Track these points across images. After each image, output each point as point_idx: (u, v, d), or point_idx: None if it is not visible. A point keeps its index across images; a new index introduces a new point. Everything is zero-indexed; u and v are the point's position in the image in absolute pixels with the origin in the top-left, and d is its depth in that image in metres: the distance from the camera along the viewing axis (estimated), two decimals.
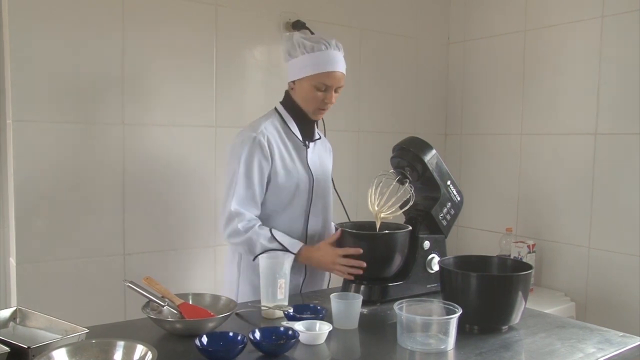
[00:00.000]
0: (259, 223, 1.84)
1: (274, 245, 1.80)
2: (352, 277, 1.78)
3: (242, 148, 1.84)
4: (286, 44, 1.90)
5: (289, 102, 1.95)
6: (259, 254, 1.76)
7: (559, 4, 2.73)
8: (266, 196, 1.88)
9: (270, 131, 1.88)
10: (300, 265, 1.88)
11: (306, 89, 1.87)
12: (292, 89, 1.93)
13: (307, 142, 1.95)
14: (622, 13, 2.49)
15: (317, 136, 2.02)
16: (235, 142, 1.89)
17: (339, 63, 1.88)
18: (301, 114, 1.93)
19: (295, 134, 1.93)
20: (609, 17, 2.54)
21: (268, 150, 1.84)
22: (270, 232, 1.82)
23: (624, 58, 2.50)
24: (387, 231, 1.81)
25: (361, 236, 1.80)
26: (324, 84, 1.85)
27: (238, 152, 1.85)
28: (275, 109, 1.97)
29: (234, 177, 1.83)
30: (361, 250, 1.74)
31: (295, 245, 1.83)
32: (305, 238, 1.92)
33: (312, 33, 2.62)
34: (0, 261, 2.19)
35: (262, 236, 1.80)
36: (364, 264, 1.74)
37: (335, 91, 1.89)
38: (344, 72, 1.90)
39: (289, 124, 1.93)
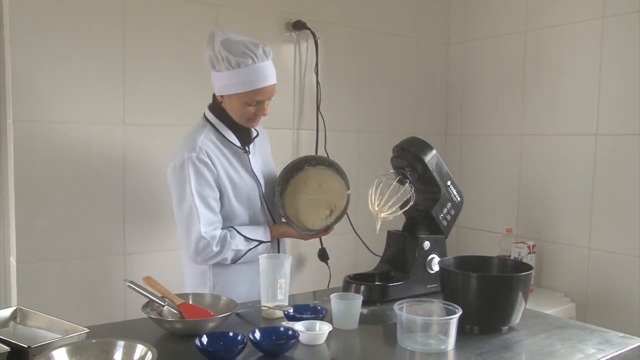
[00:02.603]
0: (224, 232, 1.79)
1: (252, 244, 1.82)
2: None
3: (186, 171, 1.74)
4: (207, 52, 1.76)
5: (220, 111, 1.84)
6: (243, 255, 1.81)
7: (560, 5, 2.73)
8: (221, 212, 1.82)
9: (208, 145, 1.79)
10: None
11: (236, 105, 1.78)
12: (221, 102, 1.83)
13: (247, 148, 1.88)
14: (623, 14, 2.49)
15: (254, 134, 1.94)
16: (175, 166, 1.78)
17: (268, 76, 1.76)
18: (234, 122, 1.84)
19: (233, 142, 1.85)
20: (610, 18, 2.54)
21: (212, 166, 1.77)
22: (240, 233, 1.81)
23: (624, 59, 2.49)
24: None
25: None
26: (255, 100, 1.76)
27: (183, 177, 1.75)
28: (206, 118, 1.86)
29: (192, 204, 1.74)
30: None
31: (265, 233, 1.85)
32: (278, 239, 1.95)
33: (312, 33, 2.63)
34: (1, 261, 2.20)
35: (239, 244, 1.80)
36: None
37: (268, 100, 1.81)
38: (275, 81, 1.79)
39: (224, 133, 1.84)
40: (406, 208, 1.85)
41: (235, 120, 1.84)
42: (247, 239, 1.81)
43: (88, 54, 2.14)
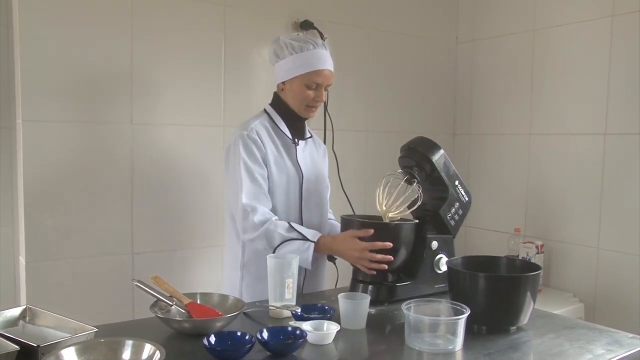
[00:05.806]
0: (275, 217, 1.83)
1: (293, 234, 1.79)
2: (374, 272, 1.74)
3: (237, 147, 1.86)
4: (272, 47, 1.92)
5: (278, 103, 1.97)
6: (279, 245, 1.77)
7: (569, 3, 2.72)
8: None
9: (260, 129, 1.90)
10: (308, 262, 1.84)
11: (297, 88, 1.89)
12: (282, 90, 1.95)
13: (296, 140, 1.97)
14: (633, 12, 2.47)
15: (307, 134, 2.03)
16: (229, 146, 1.92)
17: (327, 61, 1.91)
18: (290, 113, 1.95)
19: (285, 132, 1.95)
20: (619, 16, 2.52)
21: (261, 144, 1.87)
22: (288, 223, 1.82)
23: (634, 57, 2.48)
24: (408, 222, 1.80)
25: (388, 228, 1.75)
26: (315, 82, 1.88)
27: (234, 152, 1.87)
28: (265, 110, 2.00)
29: (238, 175, 1.84)
30: (390, 245, 1.71)
31: (314, 234, 1.81)
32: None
33: (320, 33, 2.63)
34: (10, 260, 2.21)
35: (279, 227, 1.79)
36: (391, 258, 1.72)
37: (325, 89, 1.92)
38: (333, 70, 1.92)
39: (277, 124, 1.95)
40: (414, 208, 1.85)
41: (294, 109, 1.93)
42: (290, 227, 1.80)
43: (96, 54, 2.15)
